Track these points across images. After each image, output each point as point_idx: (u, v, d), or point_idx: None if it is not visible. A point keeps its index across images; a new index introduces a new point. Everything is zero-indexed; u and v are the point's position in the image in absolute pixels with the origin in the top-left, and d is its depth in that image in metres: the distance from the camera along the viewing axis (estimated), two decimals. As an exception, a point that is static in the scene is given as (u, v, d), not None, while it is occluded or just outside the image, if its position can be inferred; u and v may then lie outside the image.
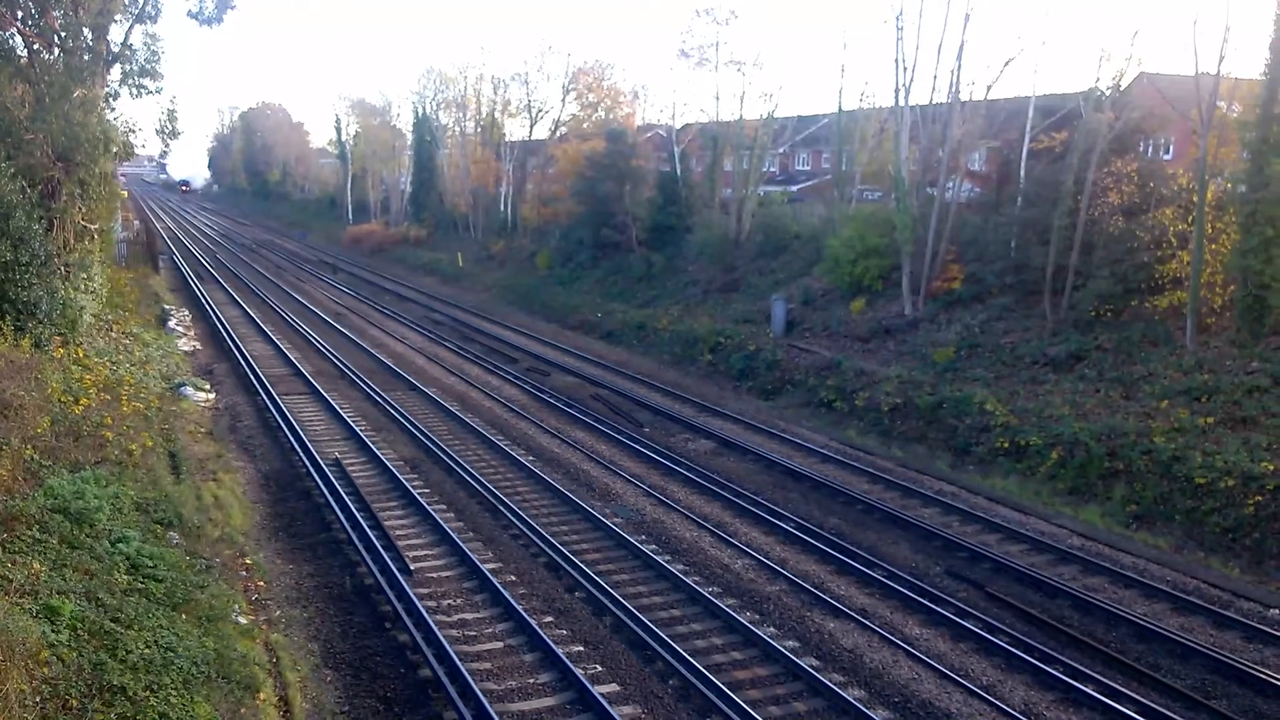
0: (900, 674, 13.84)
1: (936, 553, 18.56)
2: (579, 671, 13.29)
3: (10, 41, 26.34)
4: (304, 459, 22.87)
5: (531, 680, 13.38)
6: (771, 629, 15.13)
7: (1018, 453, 23.50)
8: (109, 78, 28.00)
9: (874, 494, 21.69)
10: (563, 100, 66.62)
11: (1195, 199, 25.55)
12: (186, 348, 35.62)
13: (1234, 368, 22.90)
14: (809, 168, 61.57)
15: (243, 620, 13.98)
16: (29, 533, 12.57)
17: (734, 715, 12.38)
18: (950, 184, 34.36)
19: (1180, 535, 19.50)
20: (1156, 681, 13.73)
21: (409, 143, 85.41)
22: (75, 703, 9.43)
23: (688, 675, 13.32)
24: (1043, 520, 20.29)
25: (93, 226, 28.93)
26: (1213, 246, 25.11)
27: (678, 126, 53.06)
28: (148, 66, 28.08)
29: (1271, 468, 19.11)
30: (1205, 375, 23.02)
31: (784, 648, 14.25)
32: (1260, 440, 20.21)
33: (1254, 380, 22.08)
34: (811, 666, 13.78)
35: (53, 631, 10.23)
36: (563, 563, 17.22)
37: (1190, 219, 25.90)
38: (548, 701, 12.89)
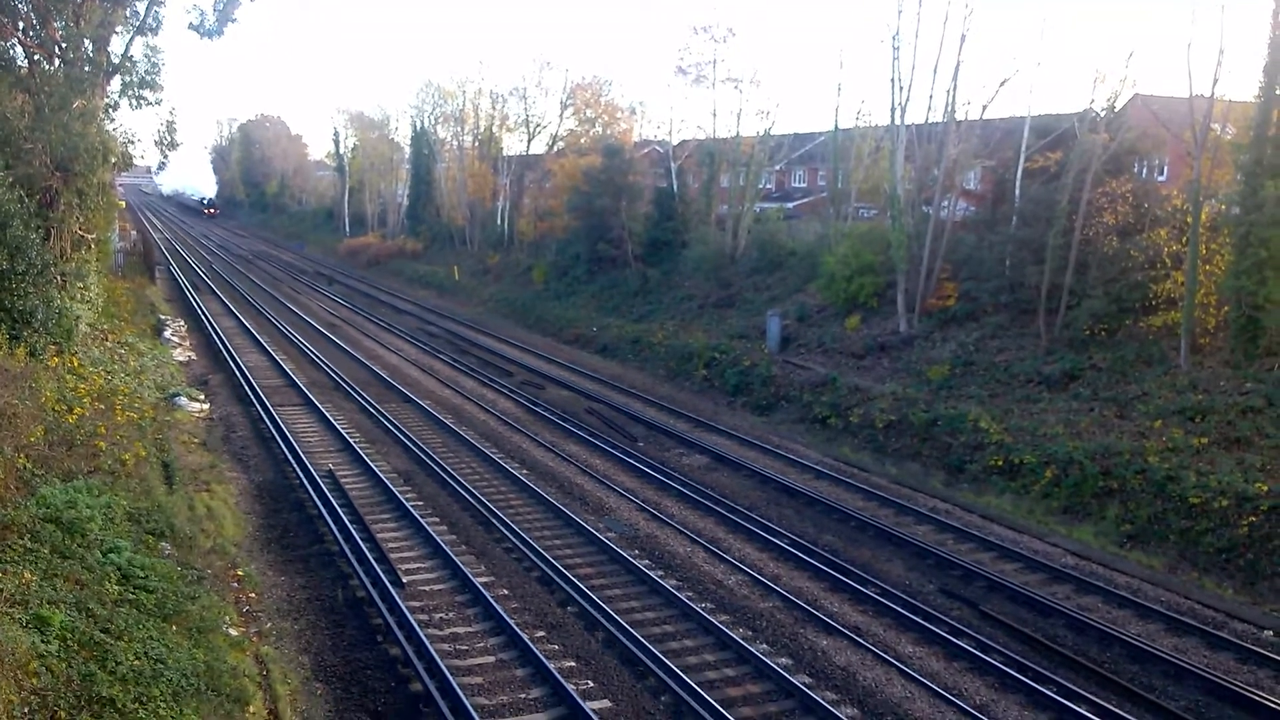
0: (893, 692, 13.80)
1: (930, 570, 18.54)
2: (571, 687, 13.24)
3: (11, 51, 26.41)
4: (297, 470, 22.81)
5: (523, 695, 13.32)
6: (764, 646, 15.09)
7: (1012, 471, 23.51)
8: (109, 88, 28.07)
9: (868, 511, 21.67)
10: (560, 115, 66.92)
11: (1189, 220, 25.68)
12: (181, 358, 35.55)
13: (1228, 388, 22.96)
14: (805, 185, 61.78)
15: (233, 632, 13.91)
16: (20, 542, 12.49)
17: (726, 732, 12.34)
18: (945, 202, 34.48)
19: (1174, 555, 19.50)
20: (1150, 703, 13.70)
21: (407, 156, 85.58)
22: (64, 714, 9.36)
23: (680, 692, 13.26)
24: (1037, 539, 20.29)
25: (90, 236, 28.96)
26: (1206, 267, 25.21)
27: (675, 143, 53.28)
28: (148, 78, 28.20)
29: (1265, 488, 19.13)
30: (1199, 395, 23.07)
31: (777, 665, 14.21)
32: (1254, 461, 20.25)
33: (1248, 401, 22.13)
34: (804, 684, 13.73)
35: (42, 642, 10.16)
36: (555, 577, 17.17)
37: (1184, 240, 26.02)
38: (539, 717, 12.84)
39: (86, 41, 26.47)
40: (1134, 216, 28.44)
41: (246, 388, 31.34)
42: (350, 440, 25.52)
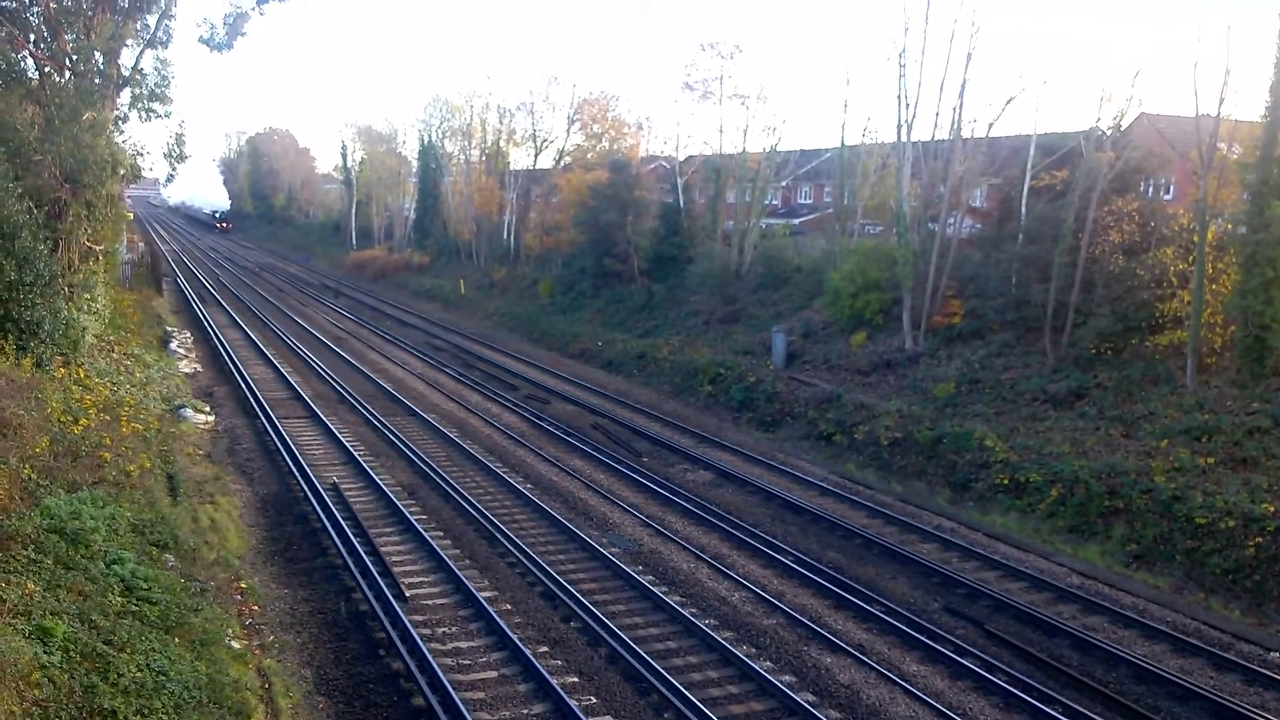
0: (898, 711, 13.72)
1: (935, 589, 18.46)
2: (573, 703, 13.18)
3: (22, 64, 26.64)
4: (301, 483, 22.80)
5: (525, 711, 13.26)
6: (768, 663, 15.02)
7: (1017, 489, 23.43)
8: (119, 101, 28.29)
9: (873, 528, 21.60)
10: (567, 130, 67.12)
11: (1196, 239, 25.65)
12: (187, 370, 35.62)
13: (1234, 408, 22.88)
14: (811, 201, 61.90)
15: (236, 645, 13.88)
16: (24, 552, 12.49)
17: (729, 750, 12.27)
18: (951, 220, 34.52)
19: (1180, 576, 19.40)
20: (1156, 723, 13.62)
21: (414, 170, 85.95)
22: (65, 726, 9.34)
23: (683, 709, 13.20)
24: (1042, 558, 20.19)
25: (98, 248, 29.09)
26: (1213, 286, 25.18)
27: (681, 158, 53.42)
28: (158, 91, 28.42)
29: (1272, 509, 19.04)
30: (1205, 415, 22.99)
31: (780, 682, 14.14)
32: (1261, 481, 20.16)
33: (1254, 421, 22.05)
34: (808, 702, 13.65)
35: (45, 653, 10.14)
36: (559, 592, 17.12)
37: (1190, 259, 26.00)
38: (541, 733, 12.79)
39: (97, 54, 26.67)
40: (1140, 235, 28.44)
41: (252, 400, 31.37)
42: (355, 453, 25.52)
